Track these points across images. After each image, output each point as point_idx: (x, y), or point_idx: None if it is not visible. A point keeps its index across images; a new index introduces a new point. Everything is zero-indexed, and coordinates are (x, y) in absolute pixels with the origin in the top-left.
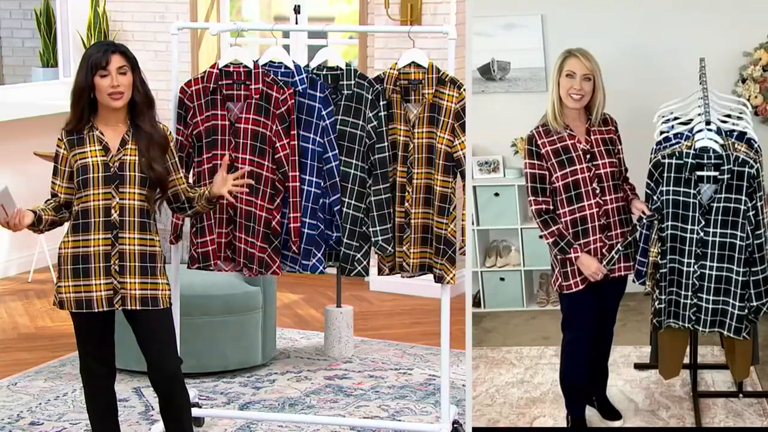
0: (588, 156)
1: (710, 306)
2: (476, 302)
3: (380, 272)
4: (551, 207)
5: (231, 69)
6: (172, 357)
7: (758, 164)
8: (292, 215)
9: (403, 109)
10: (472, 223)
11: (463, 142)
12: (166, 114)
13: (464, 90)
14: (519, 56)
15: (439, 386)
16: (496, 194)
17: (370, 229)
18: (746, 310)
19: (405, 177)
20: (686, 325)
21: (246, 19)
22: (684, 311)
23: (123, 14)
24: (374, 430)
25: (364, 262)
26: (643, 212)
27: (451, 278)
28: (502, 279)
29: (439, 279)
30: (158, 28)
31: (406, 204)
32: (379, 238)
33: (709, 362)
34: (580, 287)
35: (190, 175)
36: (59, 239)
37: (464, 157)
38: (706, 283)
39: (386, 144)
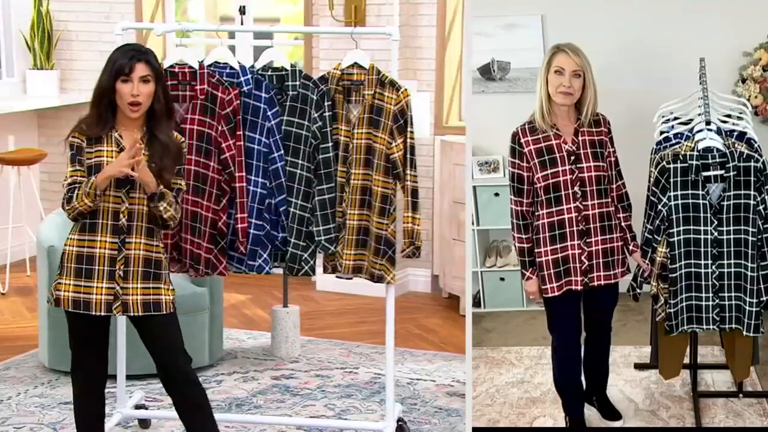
0: (573, 158)
1: (733, 303)
2: (476, 302)
3: (325, 270)
4: (530, 210)
5: (176, 69)
6: (181, 359)
7: (762, 158)
8: (238, 216)
9: (345, 109)
10: (472, 223)
11: (399, 144)
12: None
13: (404, 91)
14: (519, 56)
15: (385, 384)
16: (496, 194)
17: (314, 228)
18: (759, 306)
19: (344, 177)
20: (711, 327)
21: (192, 19)
22: (707, 314)
23: (67, 14)
24: (320, 430)
25: (311, 262)
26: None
27: (392, 278)
28: (502, 279)
29: (379, 279)
30: (103, 28)
31: (344, 204)
32: (322, 237)
33: (709, 362)
34: (556, 293)
35: None
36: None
37: (402, 158)
38: (725, 282)
39: (330, 144)
